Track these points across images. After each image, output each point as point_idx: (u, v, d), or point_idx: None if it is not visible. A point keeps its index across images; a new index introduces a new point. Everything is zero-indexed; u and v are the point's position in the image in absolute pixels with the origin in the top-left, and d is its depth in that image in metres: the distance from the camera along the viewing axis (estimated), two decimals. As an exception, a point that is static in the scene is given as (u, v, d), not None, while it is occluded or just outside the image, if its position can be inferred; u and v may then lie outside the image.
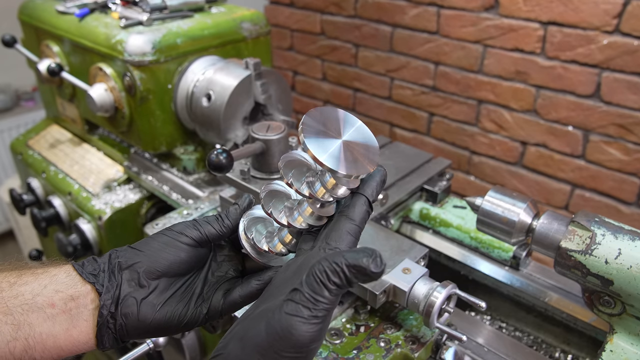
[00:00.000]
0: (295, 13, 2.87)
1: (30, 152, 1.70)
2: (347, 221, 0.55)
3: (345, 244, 0.54)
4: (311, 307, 0.47)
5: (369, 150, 0.55)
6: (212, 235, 0.62)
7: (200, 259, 0.63)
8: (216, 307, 0.61)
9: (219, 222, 0.62)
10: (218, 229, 0.62)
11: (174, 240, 0.60)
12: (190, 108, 1.30)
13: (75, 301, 0.55)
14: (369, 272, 0.47)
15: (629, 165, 1.97)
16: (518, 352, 0.95)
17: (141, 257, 0.59)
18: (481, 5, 2.13)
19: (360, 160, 0.53)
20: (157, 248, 0.59)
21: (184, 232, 0.61)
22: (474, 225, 1.11)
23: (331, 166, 0.51)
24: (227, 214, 0.63)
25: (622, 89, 1.89)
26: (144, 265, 0.58)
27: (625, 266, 0.74)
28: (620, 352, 0.79)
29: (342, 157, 0.52)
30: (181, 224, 0.62)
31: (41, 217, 1.50)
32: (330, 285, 0.48)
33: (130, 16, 1.30)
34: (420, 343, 0.87)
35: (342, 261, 0.48)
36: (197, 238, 0.61)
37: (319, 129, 0.53)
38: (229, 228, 0.63)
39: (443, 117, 2.47)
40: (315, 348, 0.48)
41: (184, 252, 0.60)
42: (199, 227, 0.61)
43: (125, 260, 0.58)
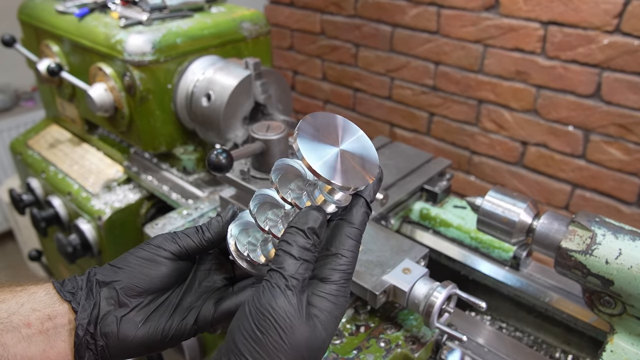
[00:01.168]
0: (295, 13, 2.86)
1: (30, 152, 1.70)
2: (346, 225, 0.54)
3: (347, 247, 0.53)
4: (280, 278, 0.48)
5: (366, 162, 0.52)
6: (191, 249, 0.59)
7: (183, 271, 0.61)
8: (206, 317, 0.58)
9: (199, 235, 0.60)
10: (198, 242, 0.60)
11: (153, 254, 0.58)
12: (190, 108, 1.30)
13: (53, 321, 0.53)
14: (305, 210, 0.50)
15: (629, 165, 1.96)
16: (518, 352, 0.94)
17: (120, 275, 0.57)
18: (481, 5, 2.13)
19: (357, 172, 0.51)
20: (135, 264, 0.57)
21: (162, 246, 0.58)
22: (474, 225, 1.11)
23: (325, 175, 0.48)
24: (208, 226, 0.61)
25: (622, 89, 1.89)
26: (122, 283, 0.56)
27: (625, 266, 0.74)
28: (621, 352, 0.79)
29: (338, 167, 0.49)
30: (159, 237, 0.59)
31: (41, 217, 1.49)
32: (291, 249, 0.49)
33: (130, 16, 1.30)
34: (420, 343, 0.87)
35: (290, 225, 0.50)
36: (176, 252, 0.58)
37: (316, 135, 0.50)
38: (210, 241, 0.60)
39: (443, 117, 2.47)
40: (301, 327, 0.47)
41: (164, 266, 0.58)
42: (177, 241, 0.59)
43: (104, 278, 0.56)
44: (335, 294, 0.51)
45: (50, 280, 0.56)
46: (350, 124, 0.54)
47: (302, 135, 0.50)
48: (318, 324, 0.49)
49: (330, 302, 0.51)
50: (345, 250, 0.52)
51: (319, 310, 0.50)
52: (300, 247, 0.50)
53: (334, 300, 0.51)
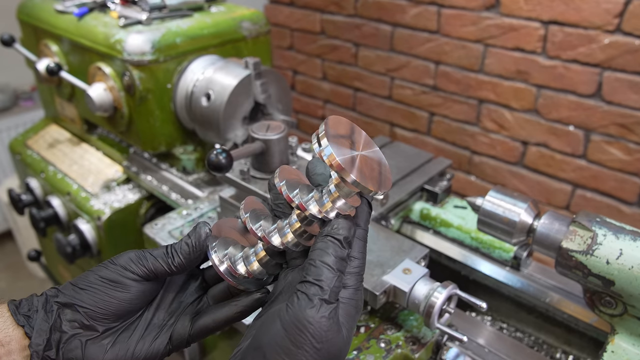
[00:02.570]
0: (295, 12, 2.86)
1: (29, 152, 1.70)
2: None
3: (357, 250, 0.51)
4: (319, 291, 0.46)
5: (382, 173, 0.51)
6: (159, 273, 0.54)
7: (154, 290, 0.56)
8: (181, 334, 0.55)
9: (168, 260, 0.55)
10: (167, 267, 0.54)
11: (118, 276, 0.53)
12: (190, 108, 1.29)
13: (6, 347, 0.48)
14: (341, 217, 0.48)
15: (630, 165, 1.96)
16: (519, 353, 0.94)
17: (82, 296, 0.52)
18: (482, 5, 2.13)
19: (375, 177, 0.49)
20: (99, 285, 0.52)
21: (128, 268, 0.53)
22: (474, 225, 1.10)
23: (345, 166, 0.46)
24: (177, 249, 0.55)
25: (623, 89, 1.89)
26: (85, 303, 0.52)
27: (626, 266, 0.73)
28: (622, 352, 0.79)
29: (357, 165, 0.48)
30: (125, 257, 0.54)
31: (40, 217, 1.49)
32: (328, 259, 0.47)
33: (130, 15, 1.30)
34: (420, 344, 0.86)
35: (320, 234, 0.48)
36: (143, 275, 0.54)
37: (338, 138, 0.49)
38: (180, 267, 0.55)
39: (443, 116, 2.46)
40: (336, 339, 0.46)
41: (132, 288, 0.53)
42: (145, 263, 0.54)
43: (65, 299, 0.52)
44: (355, 298, 0.50)
45: (5, 301, 0.52)
46: (369, 139, 0.52)
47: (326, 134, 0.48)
48: (345, 331, 0.48)
49: (351, 307, 0.49)
50: (356, 253, 0.51)
51: (344, 318, 0.48)
52: (337, 258, 0.47)
53: (354, 305, 0.50)
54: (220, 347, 1.08)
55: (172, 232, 1.14)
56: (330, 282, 0.46)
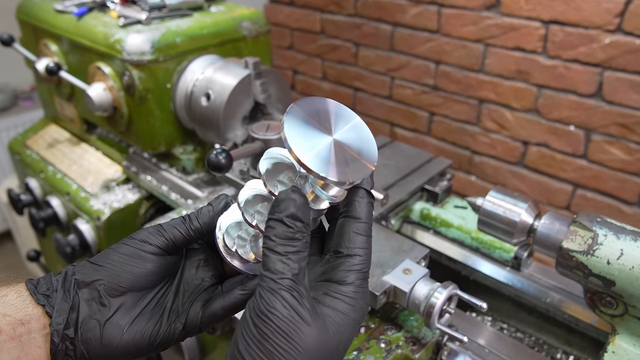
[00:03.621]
0: (295, 12, 2.86)
1: (29, 151, 1.70)
2: (352, 221, 0.49)
3: (358, 245, 0.49)
4: (272, 282, 0.43)
5: (364, 152, 0.47)
6: (178, 241, 0.54)
7: (171, 268, 0.56)
8: (194, 320, 0.54)
9: (185, 225, 0.55)
10: (185, 232, 0.55)
11: (137, 250, 0.53)
12: (190, 107, 1.29)
13: (26, 326, 0.48)
14: (279, 197, 0.45)
15: (631, 165, 1.96)
16: (519, 353, 0.94)
17: (101, 273, 0.52)
18: (482, 4, 2.12)
19: (354, 163, 0.46)
20: (118, 261, 0.52)
21: (147, 240, 0.53)
22: (474, 225, 1.10)
23: (317, 170, 0.44)
24: (197, 214, 0.56)
25: (624, 89, 1.88)
26: (105, 282, 0.51)
27: (627, 267, 0.73)
28: (622, 353, 0.79)
29: (332, 159, 0.45)
30: (144, 231, 0.54)
31: (39, 217, 1.49)
32: (272, 242, 0.44)
33: (129, 15, 1.30)
34: (421, 344, 0.86)
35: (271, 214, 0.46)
36: (162, 245, 0.54)
37: (306, 123, 0.45)
38: (198, 231, 0.55)
39: (444, 116, 2.46)
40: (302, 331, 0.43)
41: (149, 262, 0.53)
42: (163, 233, 0.54)
43: (83, 278, 0.51)
44: (353, 296, 0.47)
45: (23, 280, 0.52)
46: (344, 110, 0.49)
47: (290, 123, 0.45)
48: (330, 324, 0.45)
49: (347, 304, 0.47)
50: (357, 249, 0.48)
51: (333, 311, 0.46)
52: (284, 240, 0.45)
53: (351, 302, 0.47)
54: (220, 347, 1.08)
55: (172, 232, 1.14)
56: (281, 267, 0.44)
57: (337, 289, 0.47)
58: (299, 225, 0.45)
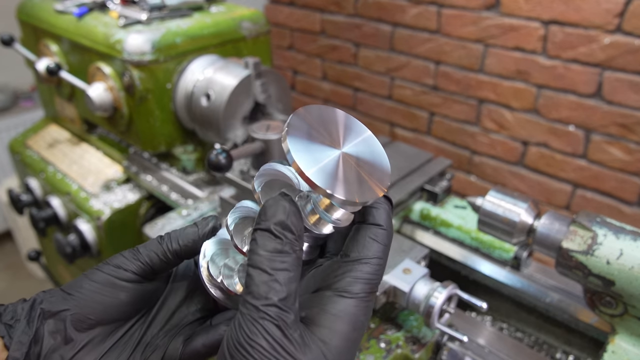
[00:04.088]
0: (295, 12, 2.86)
1: (29, 151, 1.70)
2: (370, 226, 0.43)
3: (373, 252, 0.42)
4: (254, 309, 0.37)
5: (376, 169, 0.41)
6: (155, 264, 0.48)
7: (149, 297, 0.50)
8: (172, 357, 0.47)
9: (162, 245, 0.48)
10: (162, 254, 0.48)
11: (111, 277, 0.47)
12: (190, 108, 1.29)
13: None
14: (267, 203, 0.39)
15: (630, 165, 1.96)
16: (519, 353, 0.94)
17: (69, 302, 0.46)
18: (482, 4, 2.13)
19: (363, 181, 0.40)
20: (89, 289, 0.46)
21: (122, 266, 0.47)
22: (474, 225, 1.10)
23: (323, 185, 0.37)
24: (178, 234, 0.49)
25: (624, 89, 1.89)
26: (72, 313, 0.46)
27: (627, 267, 0.73)
28: (622, 353, 0.79)
29: (339, 175, 0.39)
30: (119, 256, 0.48)
31: (39, 217, 1.49)
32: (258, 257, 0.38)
33: (129, 15, 1.30)
34: (420, 344, 0.86)
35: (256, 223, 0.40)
36: (138, 271, 0.48)
37: (311, 134, 0.40)
38: (177, 253, 0.48)
39: (444, 116, 2.46)
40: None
41: (123, 291, 0.47)
42: (139, 256, 0.48)
43: (50, 307, 0.46)
44: (354, 312, 0.40)
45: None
46: (354, 122, 0.43)
47: (293, 132, 0.39)
48: (327, 353, 0.38)
49: (347, 323, 0.39)
50: (370, 258, 0.41)
51: (330, 333, 0.39)
52: (271, 253, 0.38)
53: (352, 320, 0.39)
54: None
55: (172, 232, 1.14)
56: (265, 290, 0.37)
57: (337, 302, 0.40)
58: (289, 236, 0.39)
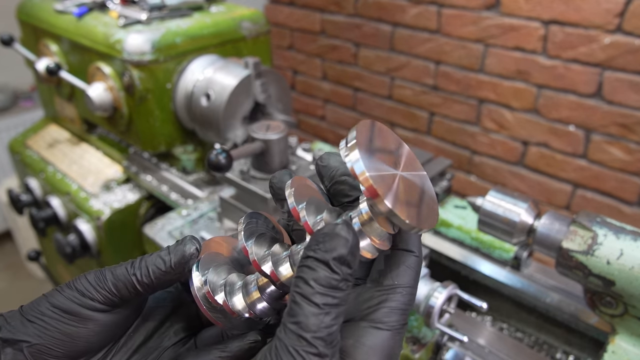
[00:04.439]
0: (295, 12, 2.86)
1: (29, 151, 1.70)
2: (402, 252, 0.40)
3: (407, 281, 0.39)
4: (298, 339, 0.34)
5: (426, 203, 0.39)
6: (124, 296, 0.41)
7: (122, 323, 0.43)
8: None
9: (132, 278, 0.41)
10: (130, 286, 0.41)
11: (75, 305, 0.40)
12: (190, 108, 1.29)
13: None
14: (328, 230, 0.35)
15: (631, 165, 1.96)
16: (519, 353, 0.94)
17: (29, 331, 0.39)
18: (482, 4, 2.12)
19: (414, 207, 0.37)
20: (51, 317, 0.40)
21: (87, 293, 0.40)
22: (474, 225, 1.10)
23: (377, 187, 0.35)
24: (148, 262, 0.42)
25: (624, 89, 1.89)
26: (32, 344, 0.39)
27: (627, 267, 0.73)
28: (622, 353, 0.79)
29: (394, 188, 0.36)
30: (83, 279, 0.41)
31: (39, 217, 1.49)
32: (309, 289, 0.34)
33: (129, 15, 1.30)
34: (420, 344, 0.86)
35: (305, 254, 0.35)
36: (104, 301, 0.41)
37: (376, 148, 0.37)
38: (148, 286, 0.41)
39: (444, 116, 2.46)
40: None
41: (91, 321, 0.40)
42: (105, 284, 0.41)
43: (8, 334, 0.39)
44: (390, 344, 0.37)
45: None
46: (415, 160, 0.41)
47: (361, 142, 0.36)
48: None
49: (382, 356, 0.37)
50: (405, 287, 0.39)
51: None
52: (325, 288, 0.34)
53: (387, 353, 0.37)
54: None
55: (172, 232, 1.14)
56: (316, 323, 0.33)
57: (373, 335, 0.37)
58: (345, 272, 0.34)
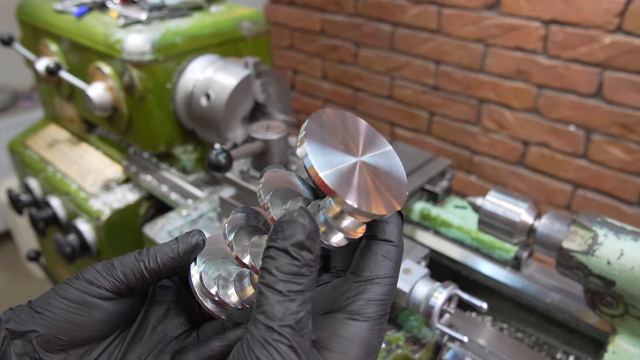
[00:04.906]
0: (295, 12, 2.86)
1: (28, 151, 1.69)
2: (381, 243, 0.40)
3: (385, 272, 0.39)
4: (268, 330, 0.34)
5: (393, 184, 0.39)
6: (132, 283, 0.43)
7: (128, 313, 0.45)
8: None
9: (140, 264, 0.44)
10: (138, 273, 0.43)
11: (83, 293, 0.42)
12: (190, 107, 1.29)
13: None
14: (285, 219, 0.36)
15: (631, 165, 1.96)
16: (519, 353, 0.94)
17: (37, 322, 0.41)
18: (482, 4, 2.12)
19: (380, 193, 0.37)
20: (59, 307, 0.42)
21: (95, 282, 0.43)
22: (475, 225, 1.10)
23: (336, 189, 0.35)
24: (157, 251, 0.45)
25: (624, 88, 1.88)
26: (41, 333, 0.41)
27: (627, 267, 0.73)
28: (623, 353, 0.79)
29: (354, 182, 0.36)
30: (92, 269, 0.44)
31: (39, 217, 1.49)
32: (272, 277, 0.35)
33: (129, 15, 1.30)
34: (421, 344, 0.86)
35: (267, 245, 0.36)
36: (112, 288, 0.43)
37: (329, 139, 0.37)
38: (154, 273, 0.44)
39: (444, 116, 2.46)
40: None
41: (97, 309, 0.42)
42: (113, 272, 0.43)
43: (17, 327, 0.41)
44: (367, 335, 0.38)
45: None
46: (376, 134, 0.41)
47: (310, 136, 0.36)
48: None
49: (360, 348, 0.37)
50: (383, 277, 0.39)
51: (343, 358, 0.37)
52: (287, 275, 0.35)
53: (365, 344, 0.37)
54: None
55: (172, 232, 1.14)
56: (281, 312, 0.34)
57: (350, 326, 0.38)
58: (306, 258, 0.35)
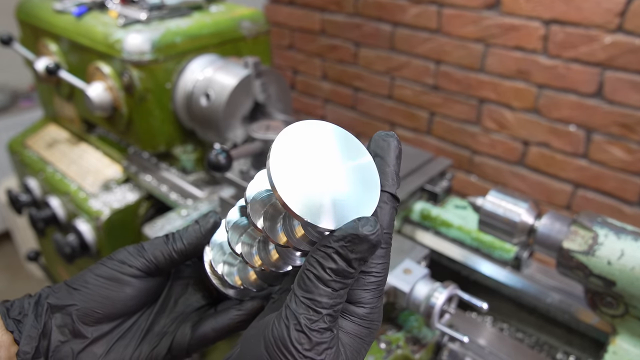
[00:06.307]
0: (295, 11, 2.86)
1: (28, 151, 1.69)
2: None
3: (376, 259, 0.42)
4: (310, 311, 0.38)
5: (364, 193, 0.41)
6: (161, 263, 0.50)
7: (154, 291, 0.51)
8: (181, 343, 0.49)
9: (168, 246, 0.50)
10: (167, 254, 0.50)
11: (115, 272, 0.49)
12: (190, 107, 1.29)
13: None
14: (363, 235, 0.38)
15: (632, 165, 1.96)
16: (520, 353, 0.94)
17: (75, 297, 0.47)
18: (482, 4, 2.12)
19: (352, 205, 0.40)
20: (94, 284, 0.48)
21: (127, 262, 0.49)
22: (475, 225, 1.10)
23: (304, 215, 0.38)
24: (182, 234, 0.51)
25: (625, 88, 1.88)
26: (79, 307, 0.47)
27: (628, 267, 0.73)
28: (623, 353, 0.78)
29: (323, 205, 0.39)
30: (124, 251, 0.50)
31: (38, 217, 1.49)
32: (327, 275, 0.38)
33: (129, 15, 1.29)
34: (421, 344, 0.86)
35: (330, 241, 0.39)
36: (143, 267, 0.49)
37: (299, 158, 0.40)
38: (182, 253, 0.50)
39: (444, 116, 2.46)
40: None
41: (129, 286, 0.49)
42: (144, 254, 0.50)
43: (56, 302, 0.47)
44: (369, 318, 0.42)
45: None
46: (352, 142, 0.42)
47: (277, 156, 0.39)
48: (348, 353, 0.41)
49: (363, 327, 0.42)
50: (374, 264, 0.42)
51: (348, 337, 0.41)
52: (341, 278, 0.39)
53: (367, 325, 0.42)
54: (220, 348, 1.08)
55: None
56: (326, 301, 0.38)
57: (352, 311, 0.42)
58: (347, 255, 0.39)
